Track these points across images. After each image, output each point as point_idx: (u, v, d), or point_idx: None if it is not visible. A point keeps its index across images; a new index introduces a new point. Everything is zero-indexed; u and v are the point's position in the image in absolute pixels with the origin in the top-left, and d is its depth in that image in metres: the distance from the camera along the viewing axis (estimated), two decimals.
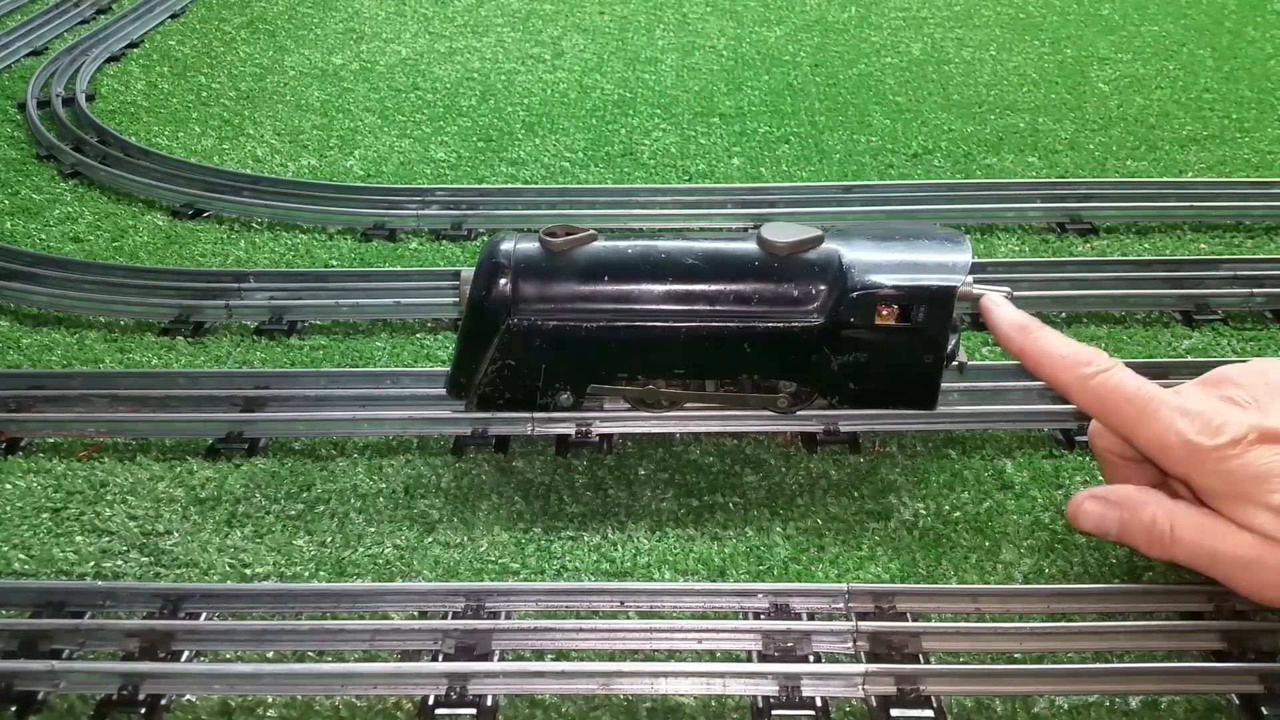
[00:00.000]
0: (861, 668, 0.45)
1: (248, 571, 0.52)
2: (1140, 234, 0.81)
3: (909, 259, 0.54)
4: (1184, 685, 0.45)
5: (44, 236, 0.82)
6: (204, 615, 0.49)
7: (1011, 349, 0.52)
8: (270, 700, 0.46)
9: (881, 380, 0.56)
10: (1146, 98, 1.04)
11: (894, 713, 0.45)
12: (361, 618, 0.49)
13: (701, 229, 0.84)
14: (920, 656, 0.47)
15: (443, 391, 0.60)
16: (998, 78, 1.10)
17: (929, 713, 0.44)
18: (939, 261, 0.54)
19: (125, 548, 0.53)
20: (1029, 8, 1.30)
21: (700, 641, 0.47)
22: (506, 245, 0.56)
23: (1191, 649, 0.47)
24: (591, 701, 0.45)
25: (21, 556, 0.53)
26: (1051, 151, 0.94)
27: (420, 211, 0.84)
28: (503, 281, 0.55)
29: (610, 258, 0.55)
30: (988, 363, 0.65)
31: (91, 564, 0.53)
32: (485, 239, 0.79)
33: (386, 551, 0.53)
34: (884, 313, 0.54)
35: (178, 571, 0.52)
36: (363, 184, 0.89)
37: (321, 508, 0.56)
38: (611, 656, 0.47)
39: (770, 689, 0.45)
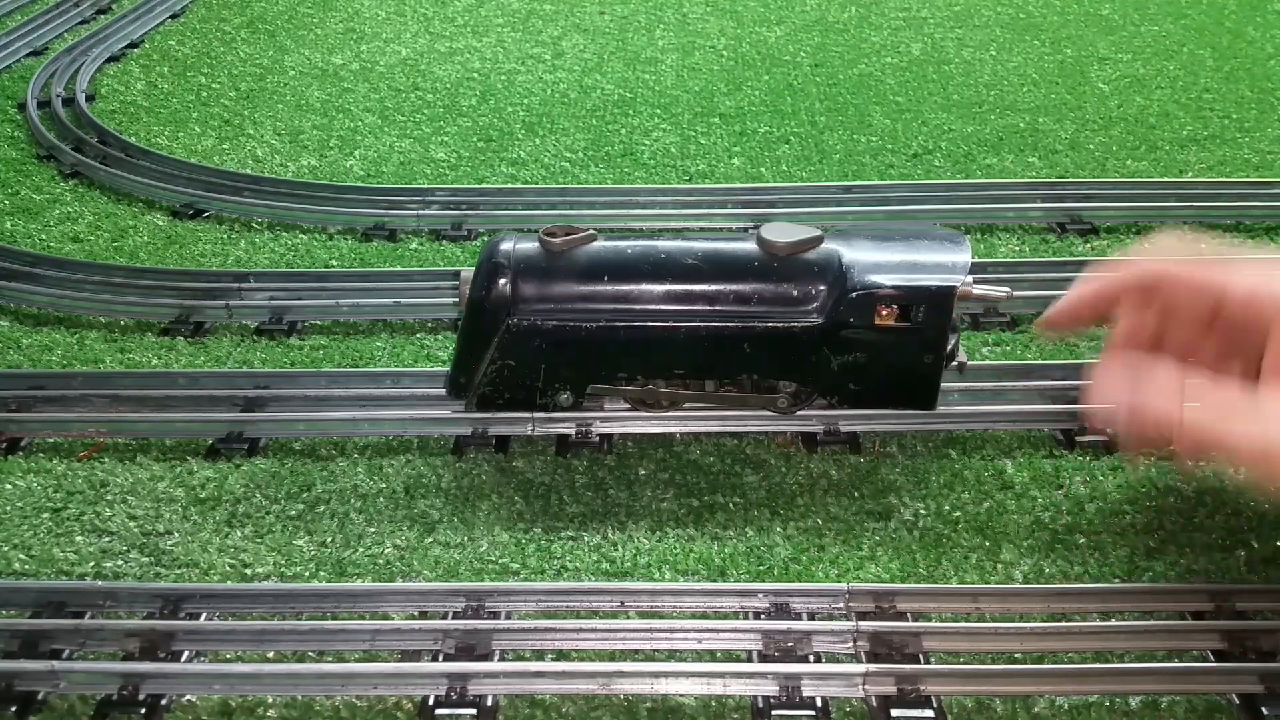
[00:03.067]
0: (862, 668, 0.45)
1: (248, 571, 0.52)
2: (1140, 234, 0.81)
3: (909, 259, 0.54)
4: (1184, 685, 0.45)
5: (44, 236, 0.82)
6: (204, 615, 0.49)
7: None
8: (270, 700, 0.46)
9: (881, 380, 0.56)
10: (1146, 98, 1.04)
11: (894, 713, 0.45)
12: (362, 618, 0.49)
13: (701, 229, 0.84)
14: (920, 656, 0.47)
15: (443, 391, 0.60)
16: (998, 78, 1.10)
17: (929, 713, 0.44)
18: (939, 261, 0.54)
19: (125, 548, 0.53)
20: (1029, 8, 1.30)
21: (700, 641, 0.47)
22: (506, 245, 0.56)
23: (1191, 649, 0.47)
24: (592, 701, 0.45)
25: (22, 556, 0.53)
26: (1051, 151, 0.94)
27: (420, 211, 0.84)
28: (502, 281, 0.55)
29: (610, 258, 0.55)
30: (988, 363, 0.65)
31: (92, 564, 0.53)
32: (485, 239, 0.79)
33: (387, 551, 0.53)
34: (884, 313, 0.54)
35: (178, 571, 0.52)
36: (363, 184, 0.89)
37: (321, 508, 0.56)
38: (612, 656, 0.47)
39: (770, 689, 0.45)
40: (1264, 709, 0.44)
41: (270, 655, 0.48)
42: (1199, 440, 0.45)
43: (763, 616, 0.49)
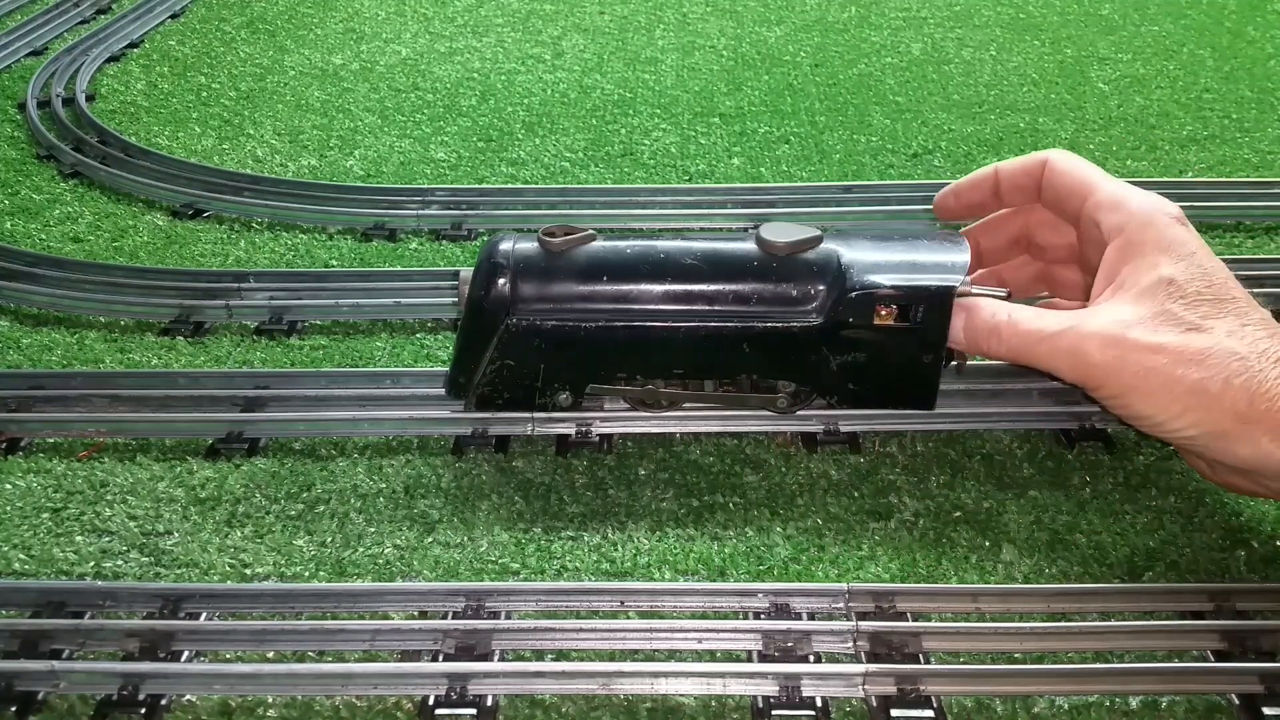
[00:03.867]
0: (861, 668, 0.45)
1: (248, 571, 0.52)
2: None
3: (908, 259, 0.54)
4: (1184, 685, 0.45)
5: (44, 236, 0.82)
6: (204, 615, 0.49)
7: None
8: (270, 700, 0.46)
9: (880, 380, 0.56)
10: (1146, 98, 1.04)
11: (894, 713, 0.45)
12: (361, 618, 0.49)
13: (701, 229, 0.84)
14: (920, 656, 0.47)
15: (443, 391, 0.60)
16: (998, 78, 1.10)
17: (929, 713, 0.44)
18: (938, 261, 0.54)
19: (125, 548, 0.53)
20: (1029, 8, 1.30)
21: (700, 641, 0.47)
22: (505, 245, 0.56)
23: (1191, 649, 0.47)
24: (591, 701, 0.45)
25: (21, 556, 0.53)
26: None
27: (420, 211, 0.84)
28: (501, 281, 0.55)
29: (609, 258, 0.55)
30: (988, 363, 0.65)
31: (91, 564, 0.53)
32: (485, 239, 0.79)
33: (386, 551, 0.53)
34: (883, 313, 0.53)
35: (178, 571, 0.52)
36: (363, 184, 0.89)
37: (321, 508, 0.56)
38: (611, 656, 0.47)
39: (770, 689, 0.45)
40: (1264, 709, 0.44)
41: (270, 655, 0.48)
42: (1013, 356, 0.51)
43: (763, 616, 0.49)
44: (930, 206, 0.83)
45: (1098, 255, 0.52)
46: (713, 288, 0.54)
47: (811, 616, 0.49)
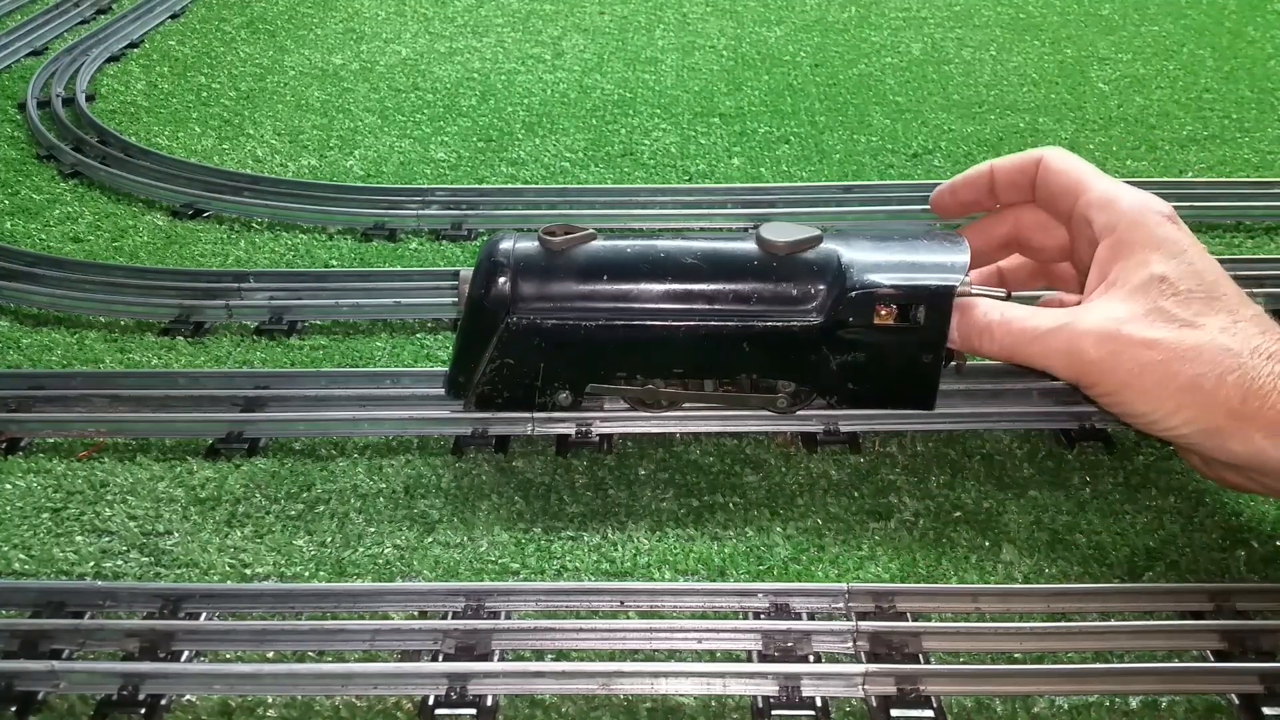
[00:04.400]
0: (861, 668, 0.45)
1: (248, 571, 0.52)
2: None
3: (907, 259, 0.54)
4: (1184, 685, 0.45)
5: (44, 236, 0.82)
6: (204, 615, 0.49)
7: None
8: (270, 700, 0.46)
9: (880, 380, 0.56)
10: (1146, 98, 1.04)
11: (894, 713, 0.45)
12: (361, 618, 0.49)
13: (701, 229, 0.84)
14: (920, 656, 0.47)
15: (442, 391, 0.60)
16: (998, 78, 1.10)
17: (929, 713, 0.44)
18: (937, 262, 0.54)
19: (125, 548, 0.53)
20: (1029, 8, 1.30)
21: (700, 641, 0.47)
22: (505, 244, 0.56)
23: (1191, 649, 0.47)
24: (591, 701, 0.45)
25: (21, 556, 0.53)
26: None
27: (420, 211, 0.84)
28: (501, 280, 0.55)
29: (609, 257, 0.55)
30: (987, 363, 0.65)
31: (91, 564, 0.53)
32: (485, 239, 0.79)
33: (386, 551, 0.53)
34: (882, 312, 0.53)
35: (178, 571, 0.52)
36: (363, 184, 0.89)
37: (321, 508, 0.56)
38: (611, 656, 0.47)
39: (770, 689, 0.45)
40: (1264, 709, 0.44)
41: (270, 655, 0.48)
42: (1006, 355, 0.52)
43: (763, 616, 0.49)
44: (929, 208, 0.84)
45: (1089, 253, 0.52)
46: (713, 287, 0.54)
47: (811, 616, 0.49)
